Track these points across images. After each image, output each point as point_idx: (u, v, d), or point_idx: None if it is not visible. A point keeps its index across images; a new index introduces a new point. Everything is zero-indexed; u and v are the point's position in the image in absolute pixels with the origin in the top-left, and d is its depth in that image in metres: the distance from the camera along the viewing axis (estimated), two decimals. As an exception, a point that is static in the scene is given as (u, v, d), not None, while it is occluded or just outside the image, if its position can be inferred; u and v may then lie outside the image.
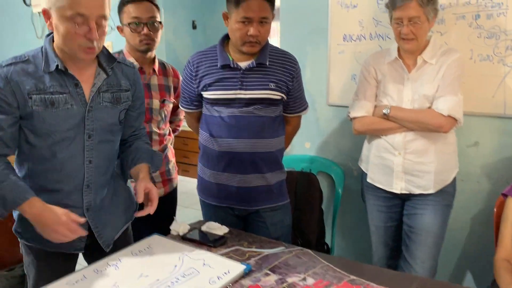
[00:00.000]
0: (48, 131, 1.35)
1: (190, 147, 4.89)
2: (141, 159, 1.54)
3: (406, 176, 1.88)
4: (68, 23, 1.27)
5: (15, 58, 1.34)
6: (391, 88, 1.89)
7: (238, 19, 1.65)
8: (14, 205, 1.28)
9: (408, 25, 1.73)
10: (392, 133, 1.88)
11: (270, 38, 1.82)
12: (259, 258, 1.47)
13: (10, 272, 2.35)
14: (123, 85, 1.49)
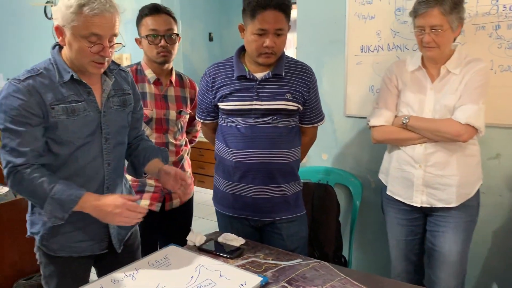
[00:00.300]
0: (71, 139, 1.41)
1: (206, 158, 4.91)
2: (152, 155, 1.62)
3: (427, 189, 1.84)
4: (82, 41, 1.34)
5: (29, 72, 1.39)
6: (412, 98, 1.85)
7: (254, 31, 1.66)
8: (72, 204, 1.35)
9: (430, 33, 1.69)
10: (411, 143, 1.84)
11: (286, 50, 1.82)
12: (276, 270, 1.45)
13: (28, 281, 2.38)
14: (125, 89, 1.58)
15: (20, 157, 1.34)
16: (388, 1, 2.22)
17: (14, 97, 1.33)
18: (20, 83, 1.34)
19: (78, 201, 1.35)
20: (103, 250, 1.56)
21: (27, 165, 1.35)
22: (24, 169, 1.34)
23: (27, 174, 1.34)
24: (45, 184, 1.34)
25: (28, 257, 2.41)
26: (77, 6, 1.30)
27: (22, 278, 2.40)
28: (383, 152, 2.07)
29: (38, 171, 1.35)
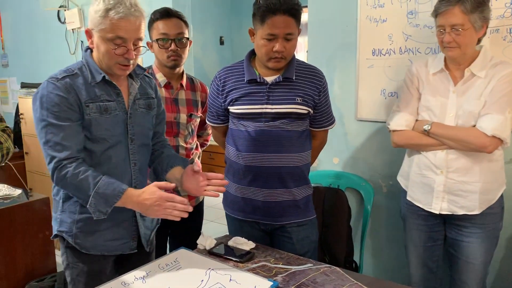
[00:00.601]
0: (104, 136, 1.48)
1: (217, 162, 4.91)
2: (176, 163, 1.63)
3: (449, 196, 1.78)
4: (108, 44, 1.41)
5: (65, 71, 1.47)
6: (433, 102, 1.80)
7: (264, 35, 1.66)
8: (115, 199, 1.39)
9: (451, 32, 1.64)
10: (432, 149, 1.80)
11: (297, 53, 1.82)
12: (286, 275, 1.44)
13: (40, 283, 2.39)
14: (149, 93, 1.64)
15: (64, 151, 1.40)
16: (400, 4, 2.20)
17: (54, 94, 1.40)
18: (58, 82, 1.42)
19: (121, 196, 1.39)
20: (132, 250, 1.60)
21: (71, 159, 1.40)
22: (69, 163, 1.40)
23: (72, 168, 1.39)
24: (90, 178, 1.38)
25: (40, 259, 2.44)
26: (104, 10, 1.37)
27: (34, 280, 2.41)
28: (395, 156, 2.05)
29: (82, 166, 1.41)
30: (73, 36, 4.29)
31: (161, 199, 1.37)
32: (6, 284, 2.34)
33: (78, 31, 4.21)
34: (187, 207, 1.38)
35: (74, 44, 4.28)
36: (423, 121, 1.81)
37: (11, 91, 5.46)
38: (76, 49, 4.27)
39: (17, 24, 5.09)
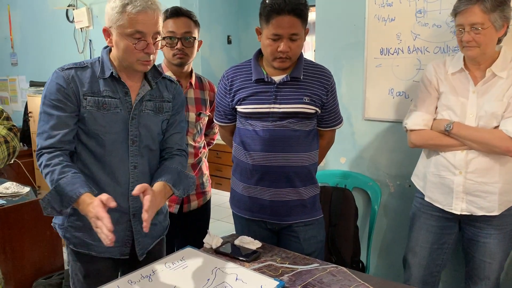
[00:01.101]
0: (99, 132, 1.45)
1: (223, 160, 4.92)
2: (161, 177, 1.47)
3: (468, 196, 1.76)
4: (128, 39, 1.40)
5: (75, 64, 1.48)
6: (453, 102, 1.77)
7: (269, 35, 1.65)
8: (70, 201, 1.32)
9: (470, 32, 1.62)
10: (452, 150, 1.77)
11: (304, 52, 1.81)
12: (293, 275, 1.44)
13: (47, 280, 2.41)
14: (165, 97, 1.59)
15: (48, 140, 1.39)
16: (408, 3, 2.19)
17: (55, 82, 1.42)
18: (62, 71, 1.44)
19: (76, 199, 1.31)
20: (124, 256, 1.55)
21: (51, 149, 1.39)
22: (48, 153, 1.38)
23: (46, 158, 1.38)
24: (56, 173, 1.35)
25: (48, 256, 2.46)
26: (121, 6, 1.37)
27: (42, 277, 2.44)
28: (403, 156, 2.03)
29: (58, 158, 1.38)
30: (81, 35, 4.31)
31: (95, 218, 1.25)
32: (14, 281, 2.36)
33: (86, 30, 4.23)
34: (108, 241, 1.23)
35: (83, 43, 4.31)
36: (443, 120, 1.78)
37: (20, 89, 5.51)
38: (85, 48, 4.30)
39: (26, 23, 5.13)
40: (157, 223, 1.62)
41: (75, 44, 4.36)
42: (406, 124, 1.90)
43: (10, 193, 2.49)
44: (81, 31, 4.29)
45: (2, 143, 1.24)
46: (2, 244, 2.28)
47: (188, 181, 1.54)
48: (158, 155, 1.61)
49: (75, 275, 1.56)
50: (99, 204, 1.26)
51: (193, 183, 1.57)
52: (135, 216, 1.51)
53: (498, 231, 1.79)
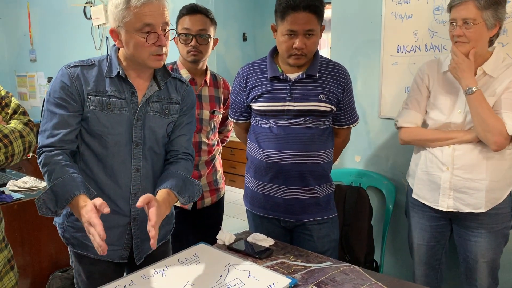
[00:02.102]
0: (102, 132, 1.41)
1: (237, 157, 4.93)
2: (166, 184, 1.42)
3: (455, 193, 1.77)
4: (138, 35, 1.35)
5: (81, 61, 1.44)
6: (442, 101, 1.80)
7: (284, 32, 1.65)
8: (64, 202, 1.28)
9: (462, 26, 1.64)
10: (439, 145, 1.79)
11: (320, 50, 1.80)
12: (305, 273, 1.44)
13: (63, 273, 2.45)
14: (173, 98, 1.53)
15: (49, 139, 1.36)
16: (426, 0, 2.16)
17: (60, 80, 1.39)
18: (68, 69, 1.40)
19: (70, 201, 1.27)
20: (123, 259, 1.52)
21: (51, 148, 1.35)
22: (47, 152, 1.35)
23: (46, 157, 1.34)
24: (54, 172, 1.31)
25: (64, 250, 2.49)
26: (124, 2, 1.33)
27: (58, 270, 2.47)
28: (419, 155, 2.01)
29: (57, 157, 1.33)
30: (98, 32, 4.36)
31: (88, 224, 1.21)
32: (31, 273, 2.40)
33: (103, 27, 4.27)
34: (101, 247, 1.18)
35: (100, 39, 4.35)
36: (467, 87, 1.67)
37: (38, 85, 5.60)
38: (102, 45, 4.34)
39: (45, 20, 5.20)
40: (160, 226, 1.56)
41: (92, 40, 4.41)
42: (397, 122, 1.93)
43: (28, 188, 2.53)
44: (98, 28, 4.33)
45: (18, 137, 1.24)
46: (20, 237, 2.33)
47: (193, 188, 1.50)
48: (163, 158, 1.55)
49: (78, 275, 1.54)
50: (93, 209, 1.21)
51: (199, 190, 1.52)
52: (136, 220, 1.49)
53: (487, 230, 1.78)
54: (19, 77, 5.93)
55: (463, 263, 1.90)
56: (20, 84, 5.95)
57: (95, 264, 1.50)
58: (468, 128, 1.74)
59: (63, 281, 2.40)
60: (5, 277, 1.28)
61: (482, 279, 1.83)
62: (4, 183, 2.58)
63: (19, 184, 2.53)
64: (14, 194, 2.40)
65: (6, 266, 1.30)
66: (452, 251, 2.05)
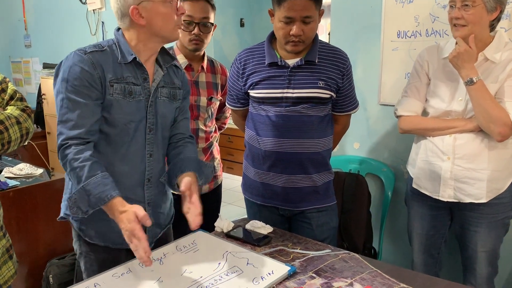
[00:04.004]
0: (123, 121, 1.39)
1: (235, 145, 4.91)
2: (186, 168, 1.46)
3: (456, 183, 1.75)
4: (165, 4, 1.34)
5: (95, 46, 1.38)
6: (442, 88, 1.76)
7: (281, 18, 1.61)
8: (100, 203, 1.26)
9: (460, 8, 1.60)
10: (439, 134, 1.77)
11: (319, 35, 1.77)
12: (304, 260, 1.43)
13: (61, 261, 2.44)
14: (176, 83, 1.54)
15: (74, 129, 1.30)
16: (428, -15, 2.12)
17: (79, 66, 1.31)
18: (86, 55, 1.33)
19: (107, 203, 1.26)
20: None
21: (78, 140, 1.30)
22: (75, 145, 1.29)
23: (75, 152, 1.29)
24: (86, 170, 1.27)
25: (61, 237, 2.49)
26: None
27: (55, 258, 2.47)
28: (418, 142, 2.00)
29: (86, 152, 1.29)
30: (93, 17, 4.29)
31: (130, 233, 1.22)
32: (28, 260, 2.40)
33: (99, 11, 4.21)
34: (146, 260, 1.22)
35: (95, 25, 4.29)
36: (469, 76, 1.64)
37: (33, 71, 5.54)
38: (97, 30, 4.28)
39: (39, 5, 5.13)
40: (164, 212, 1.59)
41: (87, 26, 4.35)
42: (396, 110, 1.90)
43: (24, 175, 2.51)
44: (93, 12, 4.27)
45: (14, 124, 1.21)
46: (16, 224, 2.31)
47: (208, 170, 1.54)
48: (167, 142, 1.56)
49: (90, 265, 1.51)
50: (135, 219, 1.22)
51: (211, 172, 1.56)
52: (149, 205, 1.49)
53: (488, 220, 1.76)
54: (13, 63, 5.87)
55: (463, 252, 1.89)
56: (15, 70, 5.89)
57: (109, 252, 1.49)
58: (469, 117, 1.72)
59: (60, 268, 2.40)
60: (3, 266, 1.26)
61: (482, 268, 1.82)
62: (0, 170, 2.56)
63: (14, 171, 2.51)
64: (9, 181, 2.38)
65: (4, 255, 1.28)
66: (452, 240, 2.04)
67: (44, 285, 2.42)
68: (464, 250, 1.88)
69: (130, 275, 1.31)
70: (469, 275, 1.88)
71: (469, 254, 1.85)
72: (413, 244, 2.00)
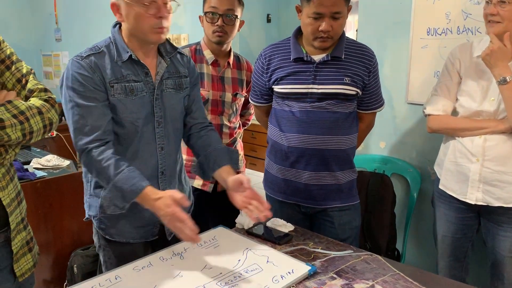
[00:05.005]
0: (130, 119, 1.40)
1: (258, 141, 4.90)
2: (224, 161, 1.49)
3: (484, 186, 1.69)
4: (138, 6, 1.32)
5: (91, 50, 1.39)
6: (474, 87, 1.71)
7: (310, 14, 1.59)
8: (133, 196, 1.29)
9: (496, 5, 1.55)
10: (468, 134, 1.71)
11: (346, 32, 1.73)
12: (325, 260, 1.41)
13: (85, 251, 2.49)
14: (182, 72, 1.53)
15: (91, 134, 1.33)
16: (460, -20, 2.06)
17: (79, 73, 1.33)
18: (82, 60, 1.35)
19: (139, 194, 1.29)
20: (154, 236, 1.55)
21: (97, 142, 1.33)
22: (95, 148, 1.32)
23: (97, 154, 1.31)
24: (112, 168, 1.30)
25: (86, 228, 2.53)
26: None
27: (80, 248, 2.51)
28: (446, 142, 1.94)
29: (107, 152, 1.32)
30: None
31: (172, 217, 1.25)
32: (54, 250, 2.45)
33: (127, 6, 4.26)
34: (195, 238, 1.26)
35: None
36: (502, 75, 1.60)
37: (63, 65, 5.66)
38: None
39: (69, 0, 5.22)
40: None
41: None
42: (425, 109, 1.85)
43: (51, 166, 2.56)
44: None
45: (36, 114, 1.20)
46: (43, 214, 2.36)
47: (236, 156, 1.59)
48: (182, 133, 1.57)
49: (108, 258, 1.54)
50: (174, 203, 1.25)
51: (238, 157, 1.58)
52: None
53: None
54: (44, 56, 6.01)
55: (491, 257, 1.83)
56: (45, 63, 6.03)
57: (126, 245, 1.51)
58: (501, 117, 1.66)
59: (84, 258, 2.44)
60: (21, 258, 1.28)
61: (510, 274, 1.76)
62: (28, 161, 2.62)
63: (42, 162, 2.57)
64: (37, 172, 2.43)
65: (23, 248, 1.30)
66: (480, 244, 1.98)
67: (68, 274, 2.47)
68: (492, 255, 1.82)
69: (151, 269, 1.31)
70: (497, 282, 1.82)
71: (497, 260, 1.79)
72: (438, 246, 1.95)
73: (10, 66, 1.24)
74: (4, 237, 1.22)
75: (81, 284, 1.24)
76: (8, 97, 1.21)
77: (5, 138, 1.13)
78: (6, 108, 1.15)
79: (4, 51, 1.23)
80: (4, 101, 1.17)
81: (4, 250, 1.23)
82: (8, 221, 1.21)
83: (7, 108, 1.15)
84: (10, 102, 1.17)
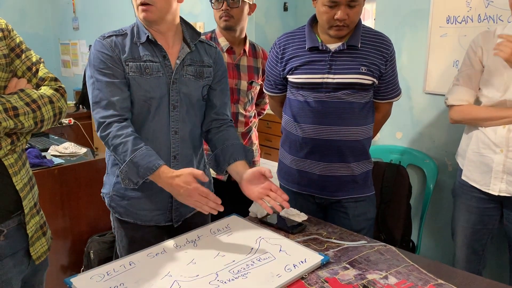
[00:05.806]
0: (144, 97, 1.44)
1: (273, 131, 4.88)
2: (239, 156, 1.53)
3: (508, 177, 1.67)
4: None
5: (115, 31, 1.48)
6: (497, 76, 1.66)
7: (325, 1, 1.56)
8: (148, 172, 1.34)
9: None
10: (491, 124, 1.68)
11: (363, 21, 1.70)
12: (338, 250, 1.40)
13: (101, 238, 2.52)
14: (205, 61, 1.55)
15: (110, 109, 1.39)
16: (483, -34, 2.00)
17: (100, 51, 1.42)
18: (104, 40, 1.44)
19: (155, 171, 1.34)
20: (168, 222, 1.57)
21: (116, 118, 1.38)
22: (114, 123, 1.38)
23: (116, 129, 1.37)
24: (129, 144, 1.35)
25: (103, 215, 2.57)
26: None
27: (96, 234, 2.55)
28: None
29: (126, 129, 1.38)
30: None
31: (195, 192, 1.32)
32: (71, 236, 2.49)
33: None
34: (219, 207, 1.33)
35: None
36: None
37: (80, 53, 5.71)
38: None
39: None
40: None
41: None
42: (447, 99, 1.81)
43: (69, 153, 2.60)
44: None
45: (47, 103, 1.24)
46: (60, 201, 2.41)
47: (251, 156, 1.60)
48: (200, 122, 1.59)
49: (121, 241, 1.59)
50: (194, 179, 1.31)
51: (252, 155, 1.59)
52: None
53: None
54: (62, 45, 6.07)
55: (511, 251, 1.80)
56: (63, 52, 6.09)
57: (138, 229, 1.55)
58: None
59: (101, 244, 2.48)
60: (37, 242, 1.31)
61: None
62: (46, 148, 2.66)
63: (60, 150, 2.61)
64: (55, 159, 2.47)
65: (38, 231, 1.33)
66: (500, 238, 1.95)
67: (85, 260, 2.52)
68: None
69: (165, 256, 1.33)
70: None
71: None
72: (456, 238, 1.93)
73: (20, 54, 1.26)
74: (18, 220, 1.25)
75: (96, 269, 1.26)
76: (19, 85, 1.23)
77: (18, 126, 1.16)
78: (19, 96, 1.18)
79: (14, 40, 1.25)
80: (16, 89, 1.20)
81: (18, 233, 1.25)
82: (21, 205, 1.24)
83: (20, 96, 1.18)
84: (22, 91, 1.20)
